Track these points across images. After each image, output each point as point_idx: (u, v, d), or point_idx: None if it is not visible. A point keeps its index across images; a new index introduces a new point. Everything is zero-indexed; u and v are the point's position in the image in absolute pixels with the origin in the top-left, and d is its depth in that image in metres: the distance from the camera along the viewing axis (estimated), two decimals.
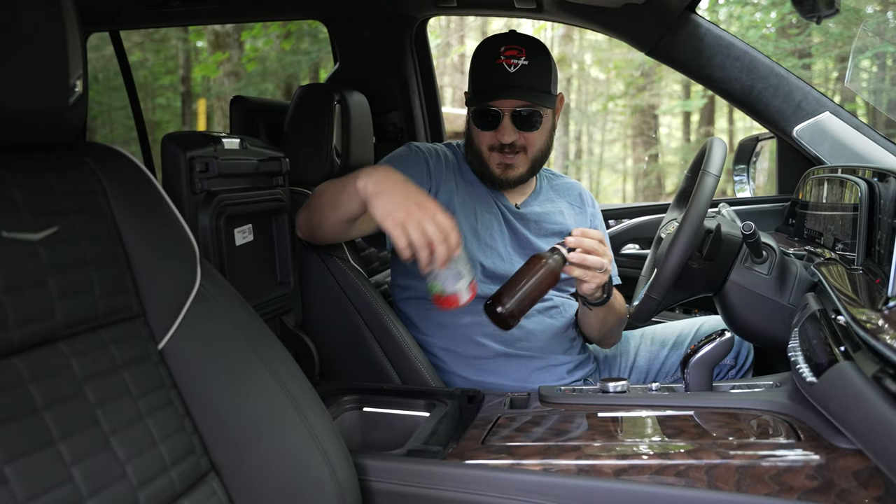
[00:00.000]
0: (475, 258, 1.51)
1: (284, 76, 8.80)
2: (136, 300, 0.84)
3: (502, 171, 1.52)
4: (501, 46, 1.46)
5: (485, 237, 1.54)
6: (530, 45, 1.48)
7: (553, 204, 1.65)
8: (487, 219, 1.55)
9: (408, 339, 1.52)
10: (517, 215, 1.58)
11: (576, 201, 1.69)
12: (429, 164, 1.53)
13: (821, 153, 1.81)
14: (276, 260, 1.54)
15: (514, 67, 1.45)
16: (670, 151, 11.47)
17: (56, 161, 0.80)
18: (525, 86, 1.45)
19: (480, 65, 1.52)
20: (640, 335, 1.70)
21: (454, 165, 1.59)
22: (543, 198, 1.65)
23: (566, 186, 1.71)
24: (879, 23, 4.83)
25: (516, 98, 1.45)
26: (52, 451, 0.68)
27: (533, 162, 1.53)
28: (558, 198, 1.67)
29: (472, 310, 1.49)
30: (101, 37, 2.60)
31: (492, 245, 1.54)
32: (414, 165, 1.51)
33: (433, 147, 1.60)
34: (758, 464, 0.98)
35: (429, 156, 1.55)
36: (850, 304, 0.95)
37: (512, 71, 1.45)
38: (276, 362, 0.94)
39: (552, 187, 1.69)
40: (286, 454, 0.90)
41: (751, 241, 1.30)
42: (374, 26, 2.19)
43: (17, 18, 0.69)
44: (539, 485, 1.00)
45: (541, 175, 1.67)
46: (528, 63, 1.45)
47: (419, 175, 1.50)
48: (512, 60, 1.45)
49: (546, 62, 1.50)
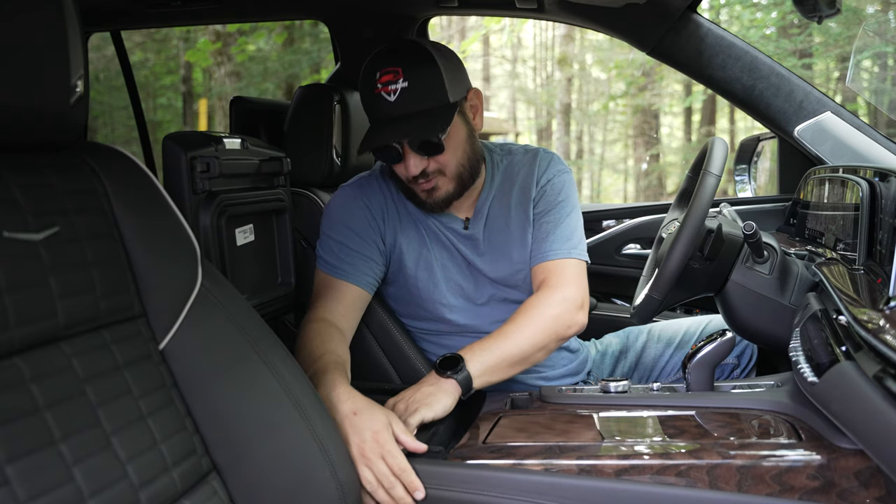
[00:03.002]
0: (438, 298, 1.46)
1: (285, 76, 8.80)
2: (138, 300, 0.84)
3: (427, 197, 1.41)
4: (377, 72, 1.32)
5: (438, 272, 1.47)
6: (406, 60, 1.32)
7: (505, 198, 1.50)
8: (437, 250, 1.48)
9: (407, 339, 1.51)
10: (463, 238, 1.48)
11: (527, 178, 1.50)
12: (370, 209, 1.46)
13: (822, 153, 1.81)
14: (277, 260, 1.54)
15: (393, 95, 1.30)
16: (671, 151, 11.47)
17: (57, 161, 0.80)
18: (410, 113, 1.32)
19: (363, 97, 1.38)
20: (648, 332, 1.69)
21: (391, 195, 1.49)
22: (495, 194, 1.50)
23: (519, 162, 1.53)
24: (880, 23, 4.82)
25: (401, 134, 1.33)
26: (53, 451, 0.68)
27: (458, 177, 1.40)
28: (509, 182, 1.51)
29: (472, 313, 1.50)
30: (103, 37, 2.60)
31: (450, 277, 1.48)
32: (355, 220, 1.44)
33: (365, 182, 1.50)
34: (759, 464, 0.98)
35: (365, 199, 1.47)
36: (851, 304, 0.95)
37: (392, 100, 1.31)
38: (278, 362, 0.94)
39: (505, 169, 1.52)
40: (287, 454, 0.90)
41: (752, 241, 1.30)
42: (375, 26, 2.19)
43: (18, 19, 0.69)
44: (540, 485, 1.00)
45: (493, 160, 1.52)
46: (407, 84, 1.30)
47: (363, 227, 1.44)
48: (389, 87, 1.31)
49: (431, 73, 1.33)
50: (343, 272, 1.41)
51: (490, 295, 1.49)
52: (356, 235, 1.43)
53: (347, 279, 1.41)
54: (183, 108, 9.29)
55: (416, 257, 1.47)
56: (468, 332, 1.47)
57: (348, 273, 1.41)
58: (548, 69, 12.77)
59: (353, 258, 1.42)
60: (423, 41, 1.41)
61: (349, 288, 1.41)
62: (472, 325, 1.48)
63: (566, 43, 11.46)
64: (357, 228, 1.44)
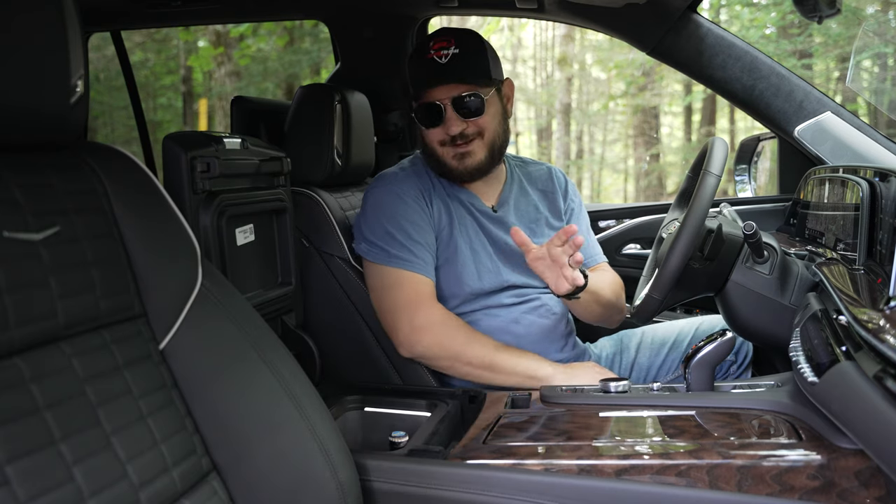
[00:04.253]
0: (469, 281, 1.50)
1: (285, 76, 8.80)
2: (138, 300, 0.84)
3: (459, 162, 1.50)
4: (430, 42, 1.46)
5: (470, 251, 1.52)
6: (460, 35, 1.47)
7: (527, 197, 1.64)
8: (465, 231, 1.54)
9: None
10: (493, 219, 1.57)
11: (548, 187, 1.68)
12: (423, 196, 1.52)
13: (822, 153, 1.81)
14: (277, 260, 1.54)
15: (444, 58, 1.44)
16: (671, 151, 11.46)
17: (57, 161, 0.80)
18: (458, 72, 1.45)
19: (413, 64, 1.51)
20: (641, 333, 1.71)
21: (426, 180, 1.56)
22: (517, 190, 1.63)
23: (536, 172, 1.69)
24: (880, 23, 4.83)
25: (449, 82, 1.45)
26: (53, 451, 0.68)
27: (491, 147, 1.51)
28: (530, 186, 1.66)
29: (477, 297, 1.50)
30: (103, 37, 2.60)
31: (480, 259, 1.53)
32: (414, 210, 1.49)
33: (401, 173, 1.57)
34: (759, 464, 0.98)
35: (410, 188, 1.52)
36: (851, 303, 0.95)
37: (443, 62, 1.44)
38: (278, 362, 0.94)
39: (523, 174, 1.67)
40: (287, 454, 0.90)
41: (752, 241, 1.30)
42: (375, 26, 2.19)
43: (19, 19, 0.69)
44: (540, 484, 1.00)
45: (510, 164, 1.66)
46: (458, 52, 1.44)
47: (420, 216, 1.49)
48: (441, 52, 1.44)
49: (479, 49, 1.48)
50: (417, 265, 1.46)
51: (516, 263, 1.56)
52: (418, 226, 1.48)
53: (425, 273, 1.46)
54: (183, 108, 9.29)
55: (455, 235, 1.52)
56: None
57: (422, 265, 1.46)
58: (548, 69, 12.76)
59: (421, 250, 1.47)
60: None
61: (429, 282, 1.47)
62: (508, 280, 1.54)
63: (566, 43, 11.46)
64: (417, 220, 1.48)
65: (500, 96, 1.53)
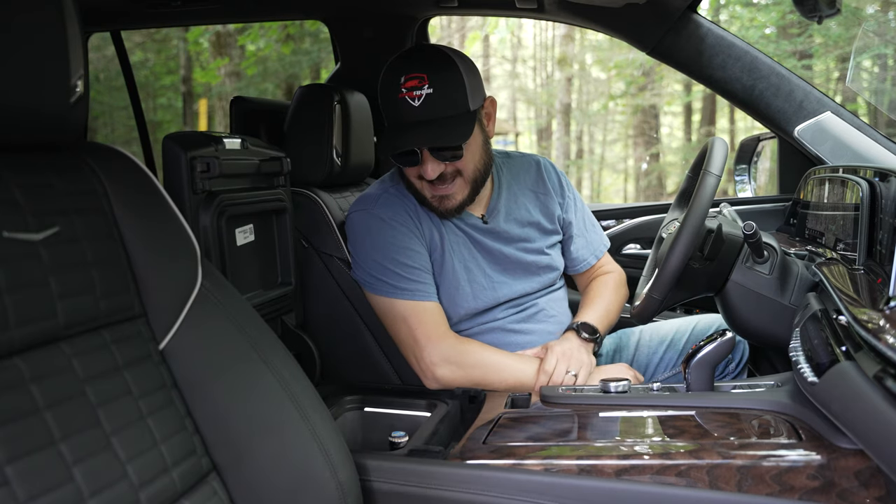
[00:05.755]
0: (463, 302, 1.48)
1: (285, 76, 8.81)
2: (138, 300, 0.84)
3: (439, 203, 1.44)
4: (401, 77, 1.35)
5: (461, 271, 1.49)
6: (434, 69, 1.35)
7: (516, 201, 1.58)
8: (458, 250, 1.50)
9: None
10: (484, 231, 1.52)
11: (539, 188, 1.62)
12: (411, 217, 1.47)
13: (822, 153, 1.81)
14: (277, 260, 1.54)
15: (418, 100, 1.33)
16: (671, 151, 11.47)
17: (57, 161, 0.80)
18: (434, 119, 1.35)
19: (385, 99, 1.40)
20: (640, 331, 1.71)
21: (411, 199, 1.50)
22: (506, 195, 1.57)
23: (523, 167, 1.63)
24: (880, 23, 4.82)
25: (426, 140, 1.35)
26: (53, 451, 0.68)
27: (473, 182, 1.44)
28: (519, 186, 1.60)
29: (472, 316, 1.50)
30: (103, 37, 2.60)
31: (474, 278, 1.50)
32: (403, 234, 1.45)
33: (384, 195, 1.50)
34: (759, 464, 0.98)
35: (396, 212, 1.47)
36: (851, 303, 0.95)
37: (416, 105, 1.34)
38: (278, 362, 0.94)
39: (511, 174, 1.61)
40: (287, 454, 0.90)
41: (752, 241, 1.30)
42: (375, 26, 2.19)
43: (18, 18, 0.69)
44: (540, 485, 1.00)
45: (495, 165, 1.58)
46: (432, 91, 1.33)
47: (411, 239, 1.45)
48: (414, 93, 1.33)
49: (453, 79, 1.36)
50: (419, 293, 1.43)
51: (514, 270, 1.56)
52: (412, 251, 1.44)
53: (428, 298, 1.44)
54: (183, 108, 9.30)
55: (447, 256, 1.49)
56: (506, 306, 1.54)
57: (424, 292, 1.43)
58: (548, 69, 12.76)
59: (419, 275, 1.44)
60: (445, 47, 1.44)
61: (435, 306, 1.45)
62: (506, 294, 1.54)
63: (566, 43, 11.46)
64: (408, 243, 1.44)
65: (480, 125, 1.43)
